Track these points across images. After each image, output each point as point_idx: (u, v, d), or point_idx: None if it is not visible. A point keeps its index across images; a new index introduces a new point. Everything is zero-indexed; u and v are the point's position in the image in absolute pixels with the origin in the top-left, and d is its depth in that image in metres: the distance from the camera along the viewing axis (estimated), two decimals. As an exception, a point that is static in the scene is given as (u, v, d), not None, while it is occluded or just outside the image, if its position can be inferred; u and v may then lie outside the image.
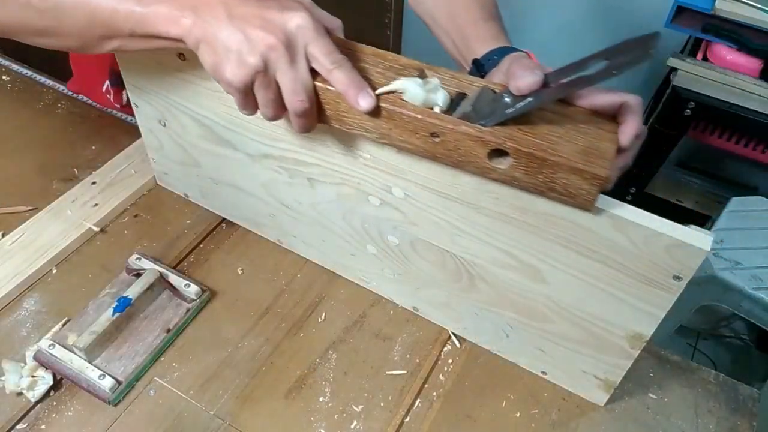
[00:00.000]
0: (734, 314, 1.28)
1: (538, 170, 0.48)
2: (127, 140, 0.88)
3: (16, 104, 0.95)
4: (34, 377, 0.62)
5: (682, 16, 1.36)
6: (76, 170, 0.85)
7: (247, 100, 0.52)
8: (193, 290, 0.70)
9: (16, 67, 1.01)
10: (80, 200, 0.80)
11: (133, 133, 0.87)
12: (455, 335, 0.71)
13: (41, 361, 0.63)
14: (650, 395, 0.67)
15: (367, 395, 0.65)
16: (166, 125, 0.74)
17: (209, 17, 0.49)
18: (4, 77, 1.00)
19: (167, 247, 0.77)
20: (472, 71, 0.63)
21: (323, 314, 0.72)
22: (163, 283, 0.70)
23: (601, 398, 0.65)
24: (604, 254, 0.52)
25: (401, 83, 0.50)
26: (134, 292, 0.67)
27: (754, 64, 1.33)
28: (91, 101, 0.97)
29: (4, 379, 0.62)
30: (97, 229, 0.77)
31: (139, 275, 0.69)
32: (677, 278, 0.50)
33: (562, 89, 0.48)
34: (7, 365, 0.63)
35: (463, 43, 0.68)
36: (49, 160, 0.86)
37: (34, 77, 1.00)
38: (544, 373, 0.67)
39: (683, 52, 1.46)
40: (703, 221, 1.60)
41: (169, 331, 0.67)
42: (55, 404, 0.62)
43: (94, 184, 0.82)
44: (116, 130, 0.91)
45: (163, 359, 0.66)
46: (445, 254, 0.63)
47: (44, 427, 0.60)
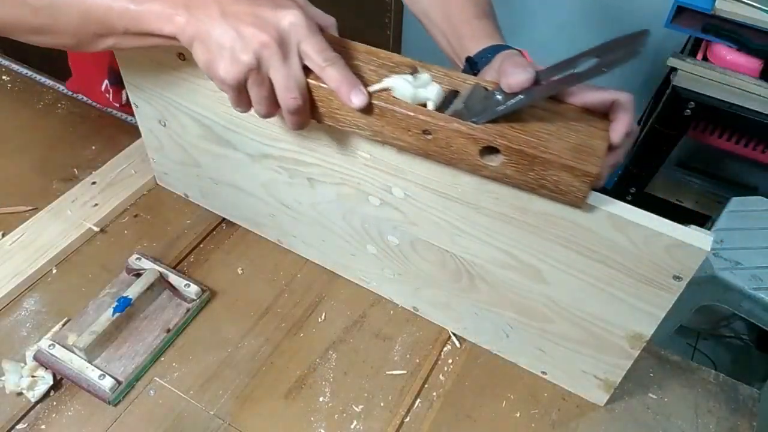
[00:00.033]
0: (734, 314, 1.28)
1: (529, 167, 0.48)
2: (127, 140, 0.88)
3: (16, 104, 0.95)
4: (34, 377, 0.62)
5: (682, 16, 1.36)
6: (76, 170, 0.85)
7: (240, 97, 0.52)
8: (193, 290, 0.70)
9: (16, 67, 1.01)
10: (80, 200, 0.80)
11: (133, 133, 0.87)
12: (455, 335, 0.71)
13: (41, 361, 0.63)
14: (650, 395, 0.67)
15: (367, 395, 0.65)
16: (166, 125, 0.74)
17: (202, 15, 0.49)
18: (4, 77, 1.00)
19: (167, 247, 0.77)
20: (465, 69, 0.63)
21: (323, 314, 0.72)
22: (163, 283, 0.70)
23: (601, 398, 0.65)
24: (604, 254, 0.52)
25: (392, 80, 0.50)
26: (134, 292, 0.67)
27: (754, 64, 1.33)
28: (90, 101, 0.97)
29: (4, 379, 0.62)
30: (97, 229, 0.77)
31: (139, 275, 0.69)
32: (677, 278, 0.50)
33: (552, 86, 0.48)
34: (7, 365, 0.63)
35: (457, 41, 0.68)
36: (49, 160, 0.86)
37: (34, 77, 1.00)
38: (544, 373, 0.67)
39: (683, 52, 1.46)
40: (703, 221, 1.60)
41: (169, 331, 0.67)
42: (55, 404, 0.62)
43: (94, 184, 0.82)
44: (116, 130, 0.91)
45: (163, 359, 0.66)
46: (445, 254, 0.63)
47: (44, 427, 0.60)
